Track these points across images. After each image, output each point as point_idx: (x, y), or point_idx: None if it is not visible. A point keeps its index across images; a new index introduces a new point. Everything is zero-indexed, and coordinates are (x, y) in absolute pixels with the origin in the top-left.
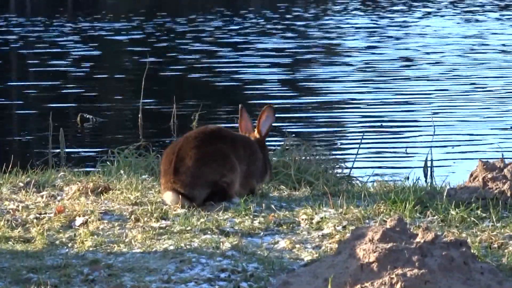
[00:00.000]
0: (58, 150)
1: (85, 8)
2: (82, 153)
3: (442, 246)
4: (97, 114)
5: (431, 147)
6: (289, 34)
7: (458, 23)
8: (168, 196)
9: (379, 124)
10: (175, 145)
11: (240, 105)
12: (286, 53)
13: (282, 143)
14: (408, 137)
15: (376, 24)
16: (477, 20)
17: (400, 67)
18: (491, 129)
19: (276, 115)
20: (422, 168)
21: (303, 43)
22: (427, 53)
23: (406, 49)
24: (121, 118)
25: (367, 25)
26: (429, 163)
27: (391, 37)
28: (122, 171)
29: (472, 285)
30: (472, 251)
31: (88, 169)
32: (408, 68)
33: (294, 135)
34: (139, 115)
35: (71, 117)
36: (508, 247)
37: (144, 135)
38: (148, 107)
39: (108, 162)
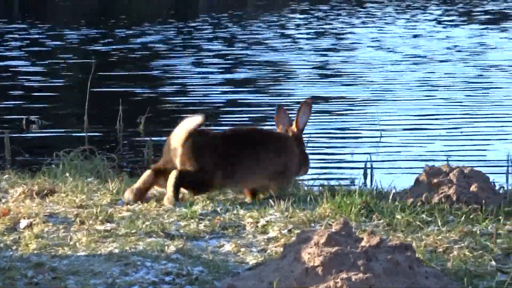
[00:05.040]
0: (2, 154)
1: (33, 13)
2: (28, 156)
3: (387, 250)
4: (42, 116)
5: (375, 151)
6: (238, 39)
7: (405, 27)
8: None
9: (325, 129)
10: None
11: (277, 106)
12: (233, 57)
13: None
14: (354, 142)
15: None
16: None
17: (349, 71)
18: (437, 133)
19: (220, 114)
20: (365, 173)
21: (252, 47)
22: (376, 58)
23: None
24: (67, 121)
25: (319, 30)
26: (369, 167)
27: (342, 41)
28: (67, 174)
29: None
30: (417, 255)
31: (33, 171)
32: (356, 72)
33: None
34: (85, 118)
35: (16, 120)
36: (453, 251)
37: (90, 138)
38: (94, 110)
39: (53, 165)
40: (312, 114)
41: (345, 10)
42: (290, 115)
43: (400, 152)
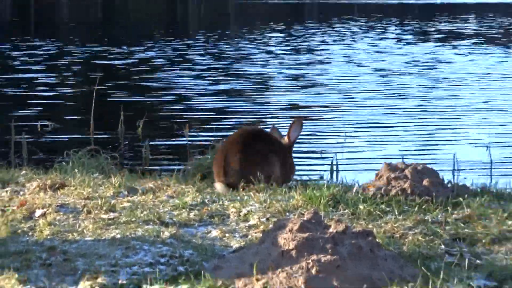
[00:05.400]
0: (20, 153)
1: (46, 31)
2: (42, 155)
3: (351, 236)
4: (54, 120)
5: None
6: (226, 55)
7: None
8: (219, 186)
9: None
10: (222, 151)
11: (272, 126)
12: (221, 70)
13: (212, 144)
14: (323, 142)
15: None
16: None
17: (321, 82)
18: (395, 136)
19: (209, 119)
20: (332, 170)
21: (238, 62)
22: (345, 71)
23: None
24: (76, 125)
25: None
26: (335, 165)
27: (316, 56)
28: (76, 170)
29: (377, 270)
30: (377, 240)
31: (46, 168)
32: (328, 83)
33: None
34: (91, 122)
35: (32, 125)
36: (408, 237)
37: (95, 140)
38: (99, 116)
39: (64, 162)
40: (288, 119)
41: (318, 30)
42: (282, 133)
43: (362, 152)
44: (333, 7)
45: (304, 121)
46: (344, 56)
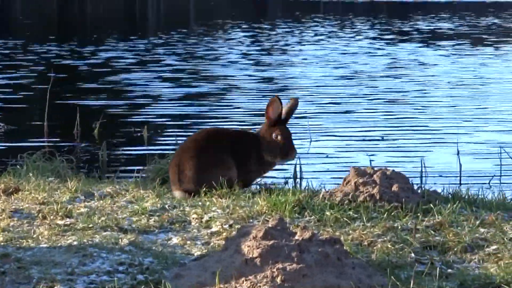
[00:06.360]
0: None
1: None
2: None
3: (318, 243)
4: (7, 122)
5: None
6: (189, 56)
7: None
8: (177, 194)
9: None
10: (176, 157)
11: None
12: (186, 72)
13: (174, 147)
14: None
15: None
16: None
17: (295, 85)
18: (362, 141)
19: (172, 123)
20: (295, 175)
21: (203, 63)
22: (319, 73)
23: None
24: (30, 126)
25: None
26: (298, 164)
27: (289, 57)
28: (30, 174)
29: (345, 278)
30: (345, 248)
31: None
32: (302, 86)
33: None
34: (45, 124)
35: None
36: (377, 244)
37: (50, 141)
38: (55, 119)
39: (18, 166)
40: (248, 117)
41: (290, 28)
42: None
43: (329, 157)
44: (298, 5)
45: None
46: (319, 58)
